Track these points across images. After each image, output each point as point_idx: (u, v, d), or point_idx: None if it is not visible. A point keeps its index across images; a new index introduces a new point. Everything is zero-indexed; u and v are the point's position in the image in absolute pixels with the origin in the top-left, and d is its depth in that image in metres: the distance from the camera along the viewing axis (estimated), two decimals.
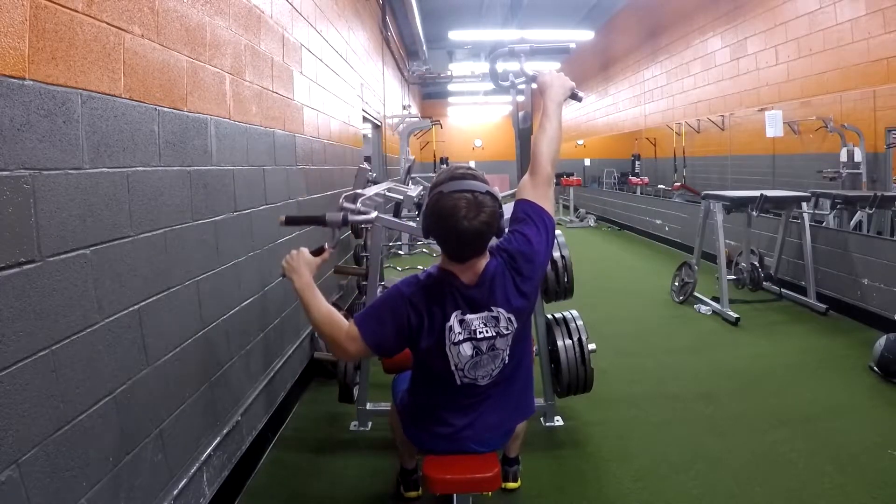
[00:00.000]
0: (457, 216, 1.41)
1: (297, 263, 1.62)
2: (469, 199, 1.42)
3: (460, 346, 1.49)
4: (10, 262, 1.14)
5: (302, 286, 1.58)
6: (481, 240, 1.46)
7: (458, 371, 1.51)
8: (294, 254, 1.64)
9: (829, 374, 3.26)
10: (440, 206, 1.44)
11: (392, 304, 1.50)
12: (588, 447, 2.50)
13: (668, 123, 9.24)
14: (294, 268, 1.61)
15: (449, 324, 1.48)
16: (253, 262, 2.51)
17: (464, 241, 1.44)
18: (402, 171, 6.86)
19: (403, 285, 1.53)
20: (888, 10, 4.75)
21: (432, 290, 1.50)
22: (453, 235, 1.44)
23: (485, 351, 1.50)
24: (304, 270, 1.61)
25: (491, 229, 1.46)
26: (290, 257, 1.64)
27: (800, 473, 2.25)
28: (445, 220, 1.43)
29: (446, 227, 1.44)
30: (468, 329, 1.48)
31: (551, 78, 1.72)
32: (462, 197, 1.42)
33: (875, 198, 4.16)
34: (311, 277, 1.61)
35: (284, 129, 2.99)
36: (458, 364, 1.50)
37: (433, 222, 1.47)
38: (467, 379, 1.53)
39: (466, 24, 10.64)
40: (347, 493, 2.22)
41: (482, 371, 1.53)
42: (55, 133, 1.28)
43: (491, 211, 1.44)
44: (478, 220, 1.42)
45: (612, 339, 3.85)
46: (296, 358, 3.09)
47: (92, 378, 1.39)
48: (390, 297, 1.52)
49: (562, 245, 2.49)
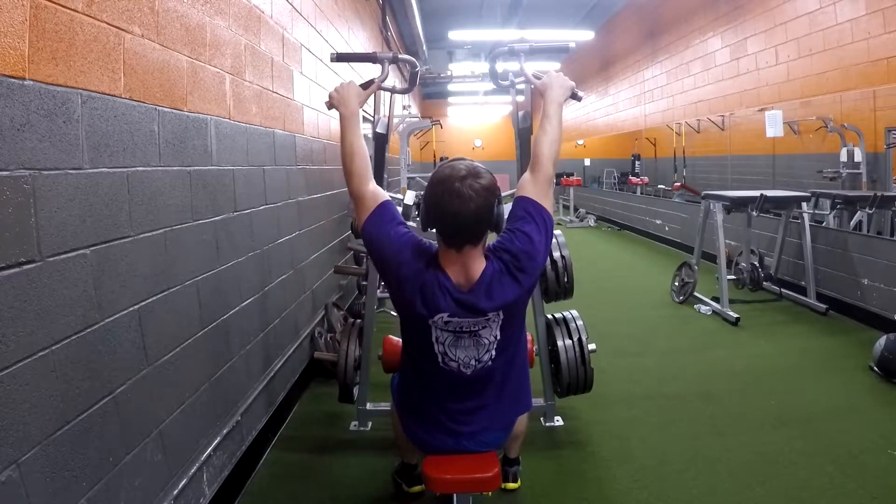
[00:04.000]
0: (455, 177, 1.43)
1: (346, 93, 1.68)
2: (468, 165, 1.47)
3: (443, 329, 1.50)
4: (10, 262, 1.14)
5: (348, 114, 1.66)
6: (479, 217, 1.43)
7: (437, 344, 1.51)
8: (344, 84, 1.70)
9: (829, 374, 3.26)
10: (439, 174, 1.48)
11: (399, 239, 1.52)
12: (588, 447, 2.50)
13: (668, 123, 9.23)
14: (343, 97, 1.68)
15: (439, 315, 1.48)
16: (253, 262, 2.51)
17: (462, 212, 1.41)
18: (403, 180, 6.90)
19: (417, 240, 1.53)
20: (888, 10, 4.74)
21: (427, 280, 1.48)
22: (453, 198, 1.41)
23: (466, 335, 1.50)
24: (352, 100, 1.67)
25: (489, 205, 1.44)
26: (340, 87, 1.69)
27: (800, 473, 2.25)
28: (443, 184, 1.44)
29: (444, 191, 1.43)
30: (454, 327, 1.49)
31: (551, 78, 1.72)
32: (462, 162, 1.48)
33: (875, 198, 4.16)
34: (358, 108, 1.68)
35: (284, 128, 2.99)
36: (439, 338, 1.50)
37: (430, 190, 1.48)
38: (450, 360, 1.52)
39: (466, 24, 10.63)
40: (347, 493, 2.22)
41: (463, 354, 1.51)
42: (55, 133, 1.28)
43: (489, 181, 1.45)
44: (478, 183, 1.43)
45: (612, 339, 3.85)
46: (296, 358, 3.09)
47: (92, 378, 1.39)
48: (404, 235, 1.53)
49: (562, 245, 2.49)
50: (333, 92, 1.70)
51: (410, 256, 1.50)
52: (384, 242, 1.53)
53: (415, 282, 1.48)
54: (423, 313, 1.49)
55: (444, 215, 1.45)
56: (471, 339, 1.51)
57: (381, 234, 1.54)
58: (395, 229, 1.54)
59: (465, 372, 1.54)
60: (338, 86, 1.71)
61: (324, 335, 3.46)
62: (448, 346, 1.51)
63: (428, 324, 1.50)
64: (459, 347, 1.52)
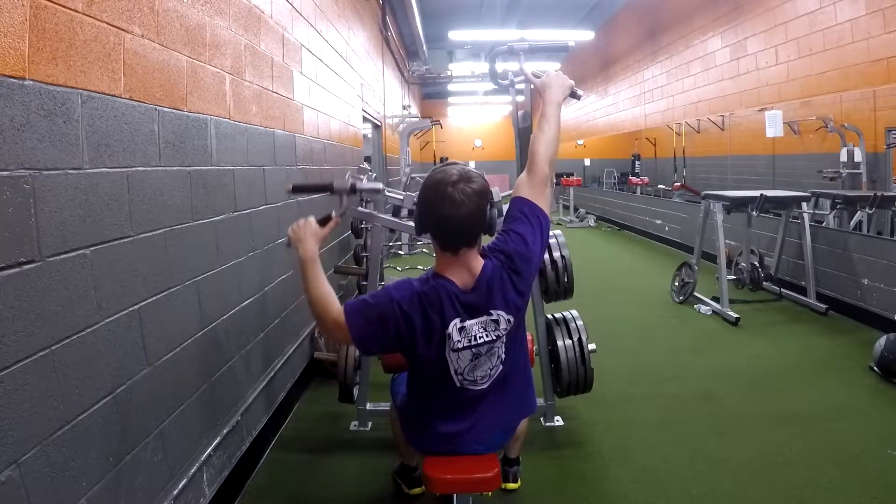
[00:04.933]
0: (447, 182, 1.42)
1: (303, 233, 1.58)
2: (460, 169, 1.46)
3: (460, 352, 1.47)
4: (10, 262, 1.14)
5: (306, 257, 1.54)
6: (472, 221, 1.43)
7: (457, 375, 1.50)
8: (301, 223, 1.60)
9: (829, 375, 3.25)
10: (431, 179, 1.47)
11: (381, 311, 1.44)
12: (588, 447, 2.50)
13: (668, 123, 9.24)
14: (300, 238, 1.57)
15: (448, 331, 1.45)
16: (253, 262, 2.51)
17: (454, 216, 1.41)
18: (403, 182, 6.90)
19: (395, 290, 1.47)
20: (888, 10, 4.75)
21: (429, 298, 1.45)
22: (445, 203, 1.40)
23: (483, 353, 1.49)
24: (309, 241, 1.57)
25: (481, 208, 1.44)
26: (296, 226, 1.60)
27: (800, 473, 2.25)
28: (435, 188, 1.43)
29: (436, 195, 1.42)
30: (468, 336, 1.47)
31: (550, 78, 1.72)
32: (453, 167, 1.47)
33: (875, 198, 4.16)
34: (317, 248, 1.58)
35: (284, 129, 2.99)
36: (458, 369, 1.49)
37: (423, 195, 1.47)
38: (467, 382, 1.52)
39: (466, 24, 10.63)
40: (347, 493, 2.22)
41: (480, 372, 1.52)
42: (55, 133, 1.28)
43: (481, 185, 1.45)
44: (469, 188, 1.42)
45: (612, 339, 3.84)
46: (296, 358, 3.09)
47: (92, 378, 1.39)
48: (381, 302, 1.45)
49: (562, 245, 2.49)
50: (290, 231, 1.61)
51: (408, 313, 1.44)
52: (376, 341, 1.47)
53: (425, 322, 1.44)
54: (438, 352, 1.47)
55: (437, 220, 1.45)
56: (486, 356, 1.50)
57: (372, 338, 1.46)
58: (374, 324, 1.44)
59: (481, 386, 1.54)
60: (293, 224, 1.61)
61: (324, 335, 3.47)
62: (467, 373, 1.50)
63: (446, 359, 1.47)
64: (478, 368, 1.51)
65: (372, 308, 1.46)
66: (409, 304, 1.44)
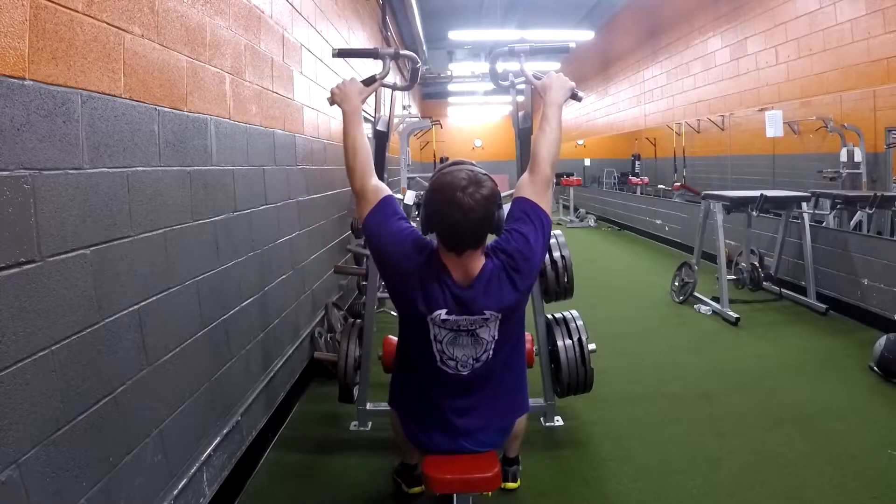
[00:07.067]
0: (456, 186, 1.42)
1: (348, 90, 1.70)
2: (469, 173, 1.45)
3: (440, 326, 1.50)
4: (10, 262, 1.14)
5: (351, 111, 1.67)
6: (480, 226, 1.44)
7: (436, 343, 1.51)
8: (346, 80, 1.72)
9: (829, 374, 3.26)
10: (439, 182, 1.46)
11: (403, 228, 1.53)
12: (588, 447, 2.50)
13: (668, 123, 9.23)
14: (345, 94, 1.70)
15: (437, 312, 1.49)
16: (253, 262, 2.51)
17: (463, 223, 1.42)
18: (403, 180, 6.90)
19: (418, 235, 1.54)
20: (888, 10, 4.74)
21: (428, 275, 1.49)
22: (454, 209, 1.41)
23: (464, 333, 1.51)
24: (354, 97, 1.69)
25: (490, 214, 1.45)
26: (341, 83, 1.72)
27: (800, 473, 2.25)
28: (444, 193, 1.43)
29: (446, 201, 1.42)
30: (452, 325, 1.50)
31: (550, 79, 1.72)
32: (462, 170, 1.46)
33: (875, 198, 4.16)
34: (360, 104, 1.70)
35: (284, 128, 2.99)
36: (438, 335, 1.51)
37: (431, 198, 1.47)
38: (448, 360, 1.52)
39: (466, 24, 10.62)
40: (347, 493, 2.22)
41: (461, 353, 1.52)
42: (55, 133, 1.28)
43: (490, 189, 1.45)
44: (479, 193, 1.42)
45: (612, 339, 3.84)
46: (296, 358, 3.09)
47: (92, 378, 1.39)
48: (408, 228, 1.54)
49: (562, 245, 2.49)
50: (335, 88, 1.72)
51: (411, 250, 1.50)
52: (385, 236, 1.53)
53: (415, 276, 1.49)
54: (422, 310, 1.49)
55: (446, 225, 1.45)
56: (469, 338, 1.51)
57: (383, 227, 1.54)
58: (396, 223, 1.54)
59: (462, 372, 1.54)
60: (339, 82, 1.73)
61: (324, 335, 3.46)
62: (446, 345, 1.52)
63: (427, 321, 1.50)
64: (458, 346, 1.52)
65: (402, 220, 1.56)
66: (415, 255, 1.50)
